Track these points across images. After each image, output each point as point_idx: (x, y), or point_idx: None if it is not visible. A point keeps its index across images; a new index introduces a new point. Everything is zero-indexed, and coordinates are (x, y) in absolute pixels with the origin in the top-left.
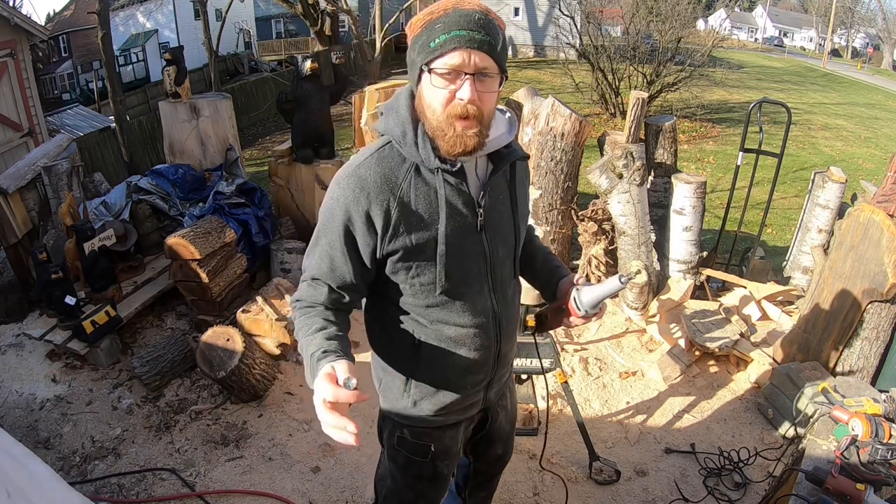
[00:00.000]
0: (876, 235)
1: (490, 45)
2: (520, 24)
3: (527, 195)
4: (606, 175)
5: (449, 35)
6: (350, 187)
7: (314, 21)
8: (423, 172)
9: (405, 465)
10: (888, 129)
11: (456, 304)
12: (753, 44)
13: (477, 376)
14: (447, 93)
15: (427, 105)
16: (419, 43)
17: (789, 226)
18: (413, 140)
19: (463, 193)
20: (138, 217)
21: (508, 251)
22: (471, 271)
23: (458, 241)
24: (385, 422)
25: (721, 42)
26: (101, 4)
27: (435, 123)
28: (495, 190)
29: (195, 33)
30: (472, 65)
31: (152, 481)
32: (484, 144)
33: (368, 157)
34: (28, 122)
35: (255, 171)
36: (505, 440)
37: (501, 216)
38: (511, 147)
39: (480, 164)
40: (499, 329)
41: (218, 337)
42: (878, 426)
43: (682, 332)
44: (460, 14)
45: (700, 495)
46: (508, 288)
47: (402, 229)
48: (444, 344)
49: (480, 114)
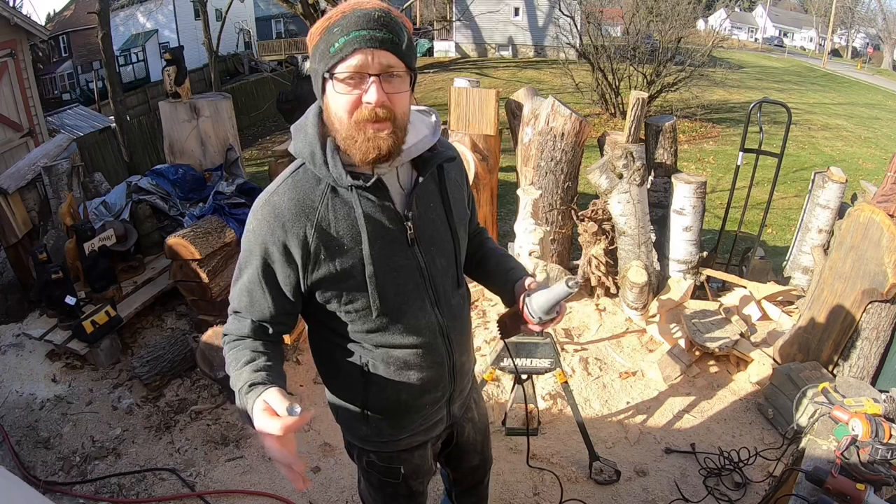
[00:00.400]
0: (876, 235)
1: (394, 42)
2: (520, 24)
3: (463, 198)
4: (606, 175)
5: (348, 37)
6: (265, 218)
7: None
8: (341, 192)
9: (379, 486)
10: (888, 129)
11: (398, 324)
12: (753, 44)
13: (434, 394)
14: (352, 98)
15: (334, 114)
16: (319, 51)
17: (789, 226)
18: (322, 159)
19: (386, 208)
20: (138, 217)
21: (448, 261)
22: (406, 288)
23: (386, 259)
24: (351, 447)
25: (721, 42)
26: (101, 4)
27: (344, 133)
28: (424, 198)
29: (195, 33)
30: (375, 65)
31: (152, 481)
32: (401, 149)
33: (282, 184)
34: (28, 122)
35: (255, 171)
36: (479, 451)
37: (435, 225)
38: (436, 149)
39: (403, 173)
40: (448, 343)
41: (218, 337)
42: (878, 426)
43: (682, 332)
44: (358, 14)
45: (700, 495)
46: (453, 298)
47: (322, 256)
48: (394, 367)
49: (392, 116)
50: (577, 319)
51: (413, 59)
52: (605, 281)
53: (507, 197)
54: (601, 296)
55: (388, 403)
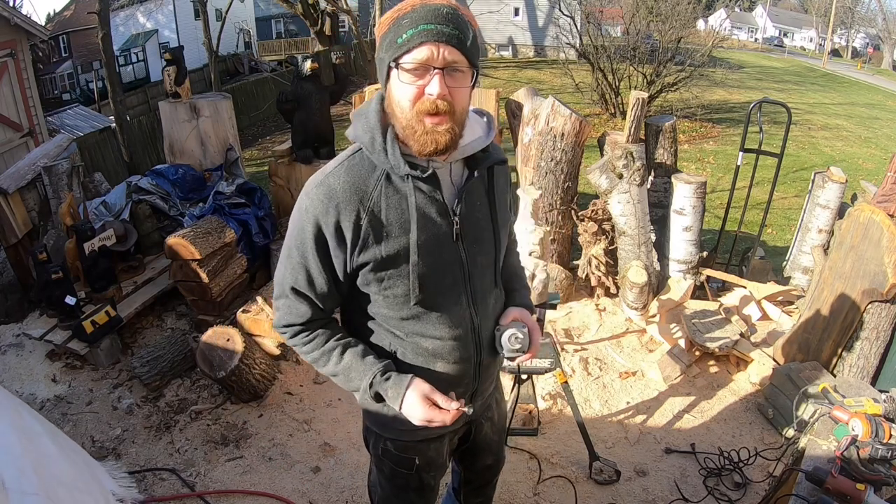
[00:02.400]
0: (876, 235)
1: (459, 38)
2: (520, 24)
3: (507, 201)
4: (606, 175)
5: (416, 29)
6: (319, 198)
7: (314, 21)
8: (395, 180)
9: (391, 476)
10: (888, 129)
11: (432, 315)
12: (753, 44)
13: (458, 389)
14: (415, 88)
15: (396, 103)
16: (387, 40)
17: (789, 226)
18: (382, 146)
19: (436, 201)
20: (138, 217)
21: (488, 260)
22: (446, 282)
23: (432, 250)
24: (369, 433)
25: (721, 42)
26: (101, 4)
27: (404, 122)
28: (472, 196)
29: (195, 33)
30: (440, 59)
31: (152, 481)
32: (457, 143)
33: (338, 167)
34: (28, 122)
35: (255, 171)
36: (494, 451)
37: (479, 224)
38: (488, 151)
39: (456, 169)
40: (479, 341)
41: (218, 337)
42: (878, 426)
43: (682, 332)
44: (428, 9)
45: (700, 495)
46: (489, 298)
47: (371, 241)
48: (422, 357)
49: (452, 109)
50: (577, 319)
51: (476, 56)
52: (605, 281)
53: None
54: (601, 296)
55: None
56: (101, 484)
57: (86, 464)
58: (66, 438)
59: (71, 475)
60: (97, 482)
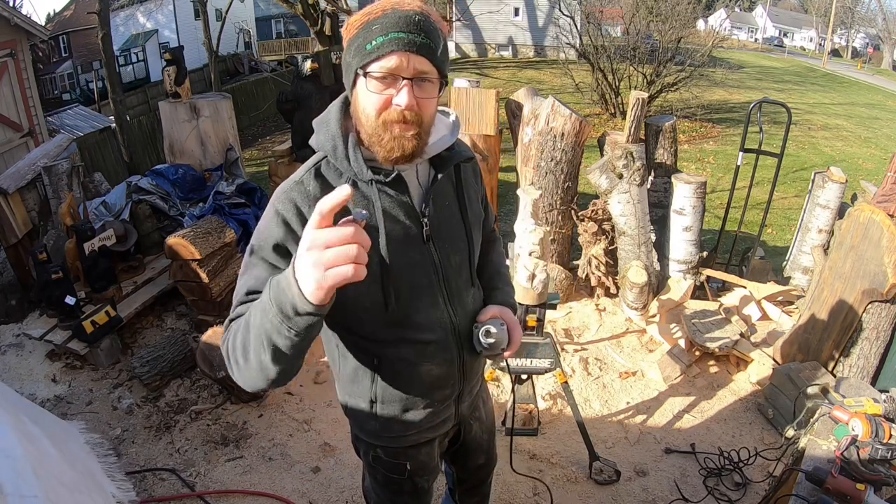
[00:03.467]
0: (876, 235)
1: (429, 48)
2: (520, 24)
3: (477, 197)
4: (606, 175)
5: (386, 37)
6: (290, 200)
7: (314, 21)
8: (361, 186)
9: (384, 483)
10: (888, 129)
11: (409, 319)
12: (753, 44)
13: (443, 391)
14: (383, 98)
15: (362, 110)
16: (355, 45)
17: (789, 226)
18: (344, 153)
19: (403, 204)
20: (138, 217)
21: (462, 258)
22: (420, 284)
23: (402, 254)
24: (358, 441)
25: (721, 42)
26: (101, 4)
27: (370, 129)
28: (440, 196)
29: (195, 33)
30: (410, 69)
31: (152, 481)
32: (423, 150)
33: (306, 174)
34: (28, 122)
35: (255, 171)
36: (485, 450)
37: (450, 223)
38: (453, 149)
39: (422, 170)
40: (460, 341)
41: (218, 337)
42: (878, 426)
43: (682, 332)
44: (399, 15)
45: (700, 495)
46: (466, 296)
47: None
48: (404, 362)
49: (419, 119)
50: (578, 319)
51: (446, 66)
52: (605, 281)
53: (507, 197)
54: (601, 296)
55: (397, 399)
56: (101, 485)
57: (85, 465)
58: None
59: (71, 476)
60: (97, 483)
